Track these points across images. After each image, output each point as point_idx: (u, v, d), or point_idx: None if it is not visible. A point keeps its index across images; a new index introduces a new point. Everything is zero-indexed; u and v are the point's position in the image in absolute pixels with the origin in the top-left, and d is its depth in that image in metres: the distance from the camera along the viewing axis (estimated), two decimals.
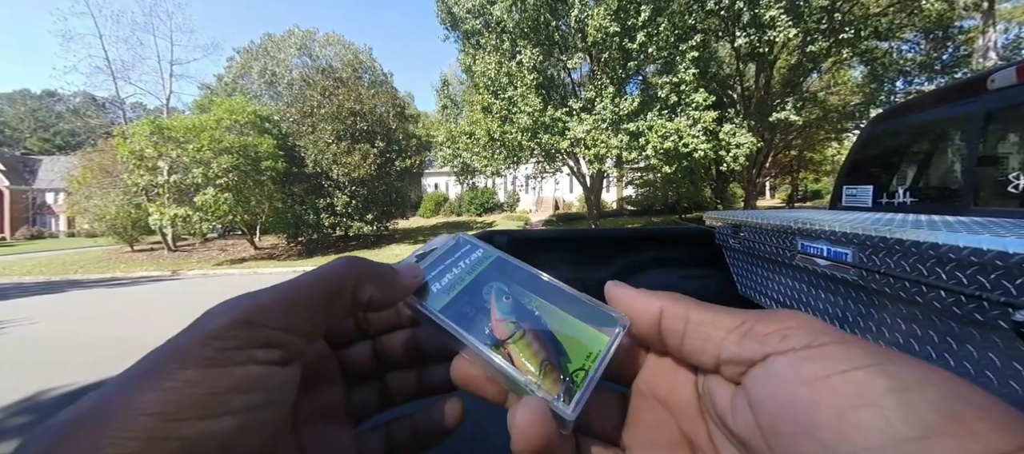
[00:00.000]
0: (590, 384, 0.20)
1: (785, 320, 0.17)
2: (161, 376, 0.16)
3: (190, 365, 0.16)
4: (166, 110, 19.86)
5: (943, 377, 0.13)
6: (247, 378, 0.17)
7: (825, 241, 1.06)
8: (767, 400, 0.16)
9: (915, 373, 0.13)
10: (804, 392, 0.14)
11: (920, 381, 0.13)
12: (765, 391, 0.16)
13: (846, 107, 12.75)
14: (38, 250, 19.36)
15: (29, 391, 3.17)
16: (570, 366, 0.21)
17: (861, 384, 0.13)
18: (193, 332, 0.18)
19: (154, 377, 0.16)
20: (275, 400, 0.18)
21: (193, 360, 0.17)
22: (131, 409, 0.15)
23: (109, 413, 0.15)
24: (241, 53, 18.21)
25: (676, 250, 1.74)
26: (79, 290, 8.38)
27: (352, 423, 0.25)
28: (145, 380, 0.16)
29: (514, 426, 0.19)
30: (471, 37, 12.17)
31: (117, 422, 0.14)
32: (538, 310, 0.24)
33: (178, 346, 0.17)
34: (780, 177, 22.45)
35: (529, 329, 0.23)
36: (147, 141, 11.05)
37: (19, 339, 4.69)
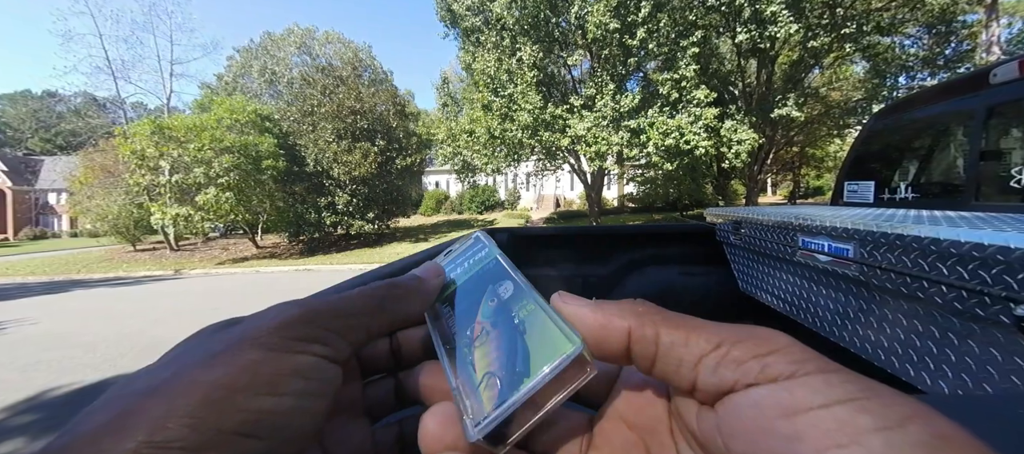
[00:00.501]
0: (506, 410, 0.19)
1: (763, 344, 0.16)
2: (231, 355, 0.18)
3: (257, 349, 0.18)
4: (167, 110, 19.88)
5: (927, 415, 0.13)
6: (306, 366, 0.19)
7: (826, 237, 1.06)
8: (743, 431, 0.15)
9: (899, 411, 0.13)
10: (784, 426, 0.14)
11: (904, 419, 0.13)
12: (741, 422, 0.15)
13: (848, 103, 12.70)
14: (41, 250, 19.44)
15: (33, 390, 3.19)
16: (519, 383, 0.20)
17: (844, 421, 0.13)
18: (258, 322, 0.20)
19: (224, 355, 0.18)
20: (325, 392, 0.20)
21: (260, 345, 0.19)
22: (202, 381, 0.17)
23: (181, 382, 0.17)
24: (241, 52, 18.19)
25: (677, 247, 1.74)
26: (82, 290, 8.42)
27: (369, 419, 0.26)
28: (215, 358, 0.18)
29: (421, 427, 0.20)
30: (471, 34, 12.14)
31: (189, 391, 0.16)
32: (523, 318, 0.22)
33: (245, 333, 0.19)
34: (782, 174, 22.38)
35: (496, 336, 0.22)
36: (148, 141, 11.08)
37: (23, 339, 4.72)
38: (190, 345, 0.20)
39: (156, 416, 0.15)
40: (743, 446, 0.15)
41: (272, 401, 0.18)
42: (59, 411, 2.89)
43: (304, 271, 10.04)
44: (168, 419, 0.15)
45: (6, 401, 3.02)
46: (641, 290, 1.69)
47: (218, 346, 0.19)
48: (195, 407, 0.16)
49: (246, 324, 0.20)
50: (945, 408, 0.13)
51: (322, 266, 10.55)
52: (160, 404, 0.16)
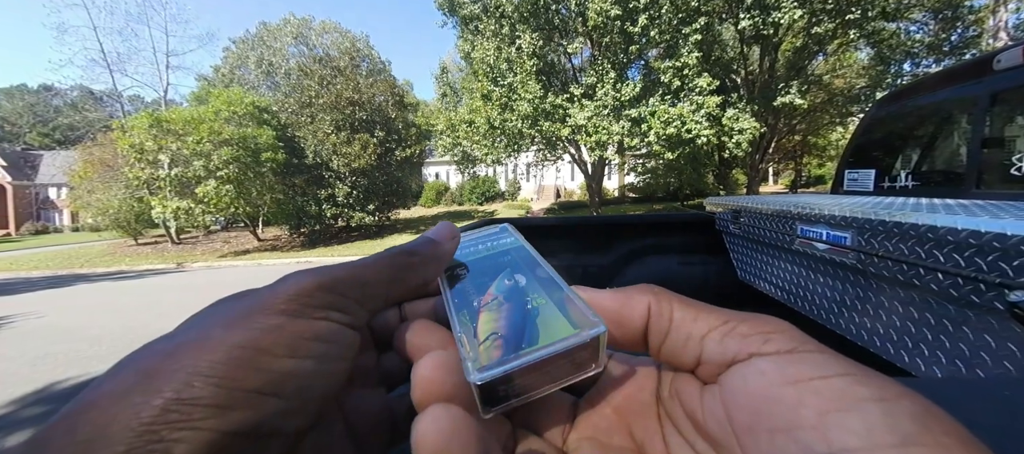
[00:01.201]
0: (514, 365, 0.18)
1: (766, 324, 0.18)
2: (251, 319, 0.18)
3: (276, 315, 0.19)
4: (164, 102, 19.76)
5: (917, 394, 0.14)
6: (326, 331, 0.20)
7: (824, 225, 1.06)
8: (747, 398, 0.16)
9: (893, 388, 0.14)
10: (789, 392, 0.15)
11: (899, 395, 0.14)
12: (746, 389, 0.16)
13: (851, 90, 12.55)
14: (43, 245, 19.52)
15: (41, 382, 3.24)
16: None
17: (844, 390, 0.14)
18: (276, 289, 0.20)
19: (244, 319, 0.18)
20: (344, 356, 0.21)
21: (278, 311, 0.19)
22: (224, 342, 0.17)
23: (203, 342, 0.17)
24: (237, 43, 18.01)
25: (677, 236, 1.74)
26: (86, 284, 8.47)
27: (383, 388, 0.27)
28: (235, 321, 0.18)
29: (414, 376, 0.19)
30: (469, 22, 11.99)
31: (211, 350, 0.17)
32: (537, 305, 0.22)
33: (263, 299, 0.19)
34: (784, 163, 22.27)
35: (506, 305, 0.22)
36: (147, 134, 11.04)
37: (29, 332, 4.77)
38: (208, 312, 0.19)
39: (181, 374, 0.16)
40: (746, 414, 0.16)
41: (293, 363, 0.18)
42: (65, 403, 2.93)
43: (306, 263, 10.08)
44: (193, 378, 0.15)
45: (16, 394, 3.07)
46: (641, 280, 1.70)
47: (236, 312, 0.19)
48: (219, 366, 0.16)
49: (263, 292, 0.20)
50: (935, 390, 0.14)
51: (323, 258, 10.59)
52: (184, 363, 0.16)
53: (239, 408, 0.16)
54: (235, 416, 0.16)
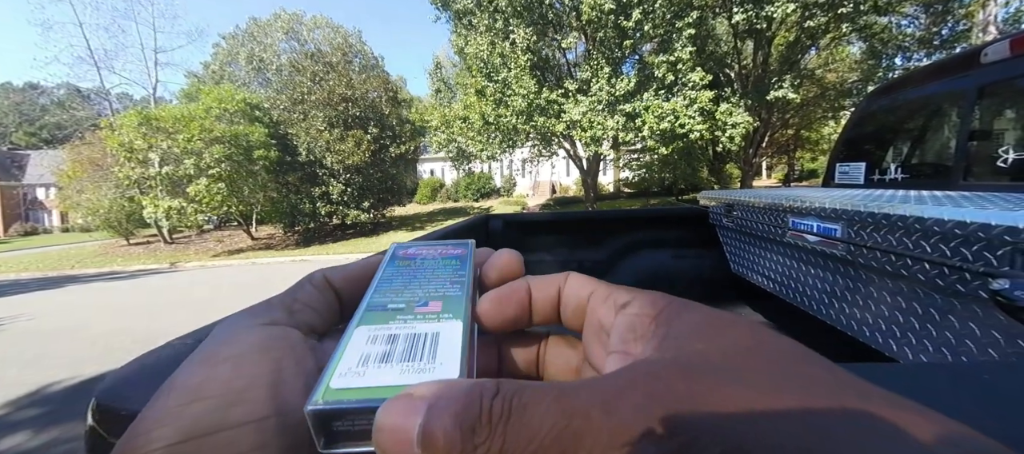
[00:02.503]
0: (354, 405, 0.16)
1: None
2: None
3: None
4: (153, 100, 19.46)
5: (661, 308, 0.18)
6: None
7: (815, 218, 1.07)
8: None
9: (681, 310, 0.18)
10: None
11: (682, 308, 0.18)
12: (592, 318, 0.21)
13: (844, 84, 12.66)
14: (33, 246, 19.22)
15: (34, 385, 3.21)
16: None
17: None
18: (289, 290, 0.23)
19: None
20: None
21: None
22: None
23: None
24: (227, 39, 17.75)
25: (670, 231, 1.76)
26: (77, 285, 8.37)
27: None
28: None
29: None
30: (463, 17, 11.91)
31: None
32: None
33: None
34: (777, 157, 22.43)
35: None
36: (136, 133, 10.87)
37: (21, 334, 4.71)
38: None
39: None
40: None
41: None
42: (60, 405, 2.91)
43: (300, 262, 10.03)
44: None
45: (8, 396, 3.04)
46: (635, 274, 1.71)
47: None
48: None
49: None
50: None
51: (318, 256, 10.53)
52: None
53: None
54: None
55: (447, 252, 0.28)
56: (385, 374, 0.17)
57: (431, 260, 0.26)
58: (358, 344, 0.19)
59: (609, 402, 0.12)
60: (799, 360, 0.14)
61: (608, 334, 0.20)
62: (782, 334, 0.15)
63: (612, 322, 0.19)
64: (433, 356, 0.18)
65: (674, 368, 0.14)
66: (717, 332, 0.15)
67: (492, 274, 0.24)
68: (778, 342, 0.15)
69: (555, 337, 0.24)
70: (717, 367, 0.14)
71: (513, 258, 0.25)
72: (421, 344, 0.19)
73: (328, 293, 0.23)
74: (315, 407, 0.15)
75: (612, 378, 0.14)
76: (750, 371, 0.13)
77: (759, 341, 0.15)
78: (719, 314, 0.16)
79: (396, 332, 0.19)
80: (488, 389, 0.13)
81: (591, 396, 0.12)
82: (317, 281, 0.23)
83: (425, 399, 0.13)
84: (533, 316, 0.23)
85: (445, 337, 0.19)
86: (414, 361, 0.18)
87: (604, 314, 0.20)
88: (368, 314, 0.21)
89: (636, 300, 0.19)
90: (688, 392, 0.12)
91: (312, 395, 0.16)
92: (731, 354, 0.14)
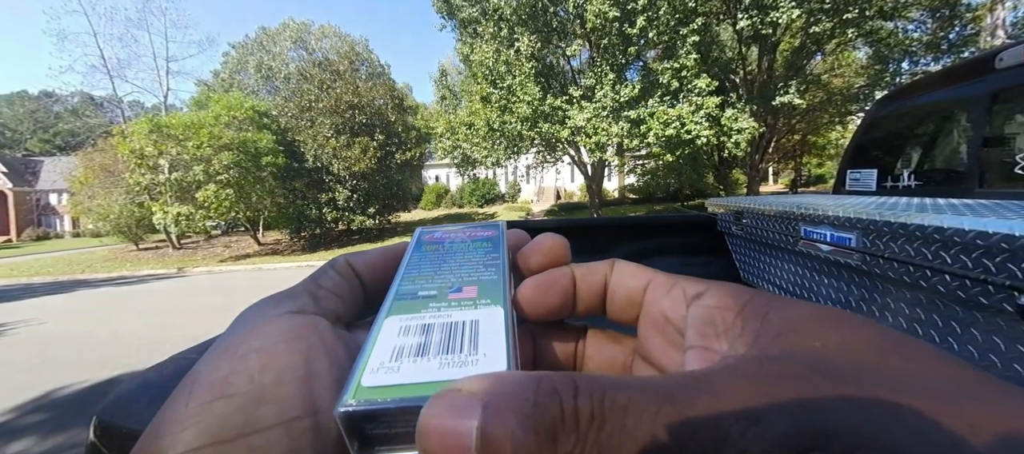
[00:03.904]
0: (391, 406, 0.14)
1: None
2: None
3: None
4: (164, 108, 19.80)
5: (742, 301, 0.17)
6: None
7: (828, 226, 1.05)
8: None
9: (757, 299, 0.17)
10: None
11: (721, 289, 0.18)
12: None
13: (850, 89, 12.57)
14: (45, 251, 19.51)
15: (42, 389, 3.23)
16: None
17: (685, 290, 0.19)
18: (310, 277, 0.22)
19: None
20: None
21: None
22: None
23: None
24: (236, 48, 18.04)
25: (677, 238, 1.74)
26: (87, 290, 8.46)
27: None
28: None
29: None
30: (468, 25, 12.02)
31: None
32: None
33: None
34: (783, 162, 22.27)
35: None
36: (147, 139, 11.04)
37: (31, 339, 4.76)
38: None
39: None
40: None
41: None
42: (67, 410, 2.92)
43: (307, 267, 10.08)
44: None
45: (16, 401, 3.06)
46: None
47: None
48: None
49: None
50: None
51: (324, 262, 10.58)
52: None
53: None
54: None
55: (477, 234, 0.26)
56: (422, 369, 0.15)
57: (461, 243, 0.24)
58: (389, 336, 0.17)
59: (744, 410, 0.10)
60: (949, 361, 0.12)
61: (676, 328, 0.18)
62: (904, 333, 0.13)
63: (683, 315, 0.18)
64: (474, 347, 0.16)
65: (808, 368, 0.12)
66: (830, 328, 0.13)
67: (534, 259, 0.22)
68: (910, 340, 0.13)
69: (595, 331, 0.22)
70: (855, 369, 0.12)
71: (558, 242, 0.22)
72: (460, 333, 0.17)
73: (352, 279, 0.22)
74: (347, 409, 0.13)
75: (727, 377, 0.12)
76: (896, 375, 0.11)
77: (884, 338, 0.13)
78: (820, 308, 0.14)
79: (430, 322, 0.17)
80: (565, 385, 0.11)
81: (713, 403, 0.11)
82: (340, 267, 0.22)
83: (478, 396, 0.11)
84: (577, 306, 0.21)
85: (486, 325, 0.17)
86: (454, 353, 0.16)
87: (669, 306, 0.18)
88: (397, 303, 0.19)
89: (712, 291, 0.17)
90: (843, 396, 0.10)
91: (342, 395, 0.14)
92: (859, 353, 0.12)
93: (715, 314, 0.16)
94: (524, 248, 0.23)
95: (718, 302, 0.17)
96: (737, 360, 0.14)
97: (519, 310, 0.20)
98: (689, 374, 0.12)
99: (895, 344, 0.12)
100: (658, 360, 0.19)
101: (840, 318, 0.14)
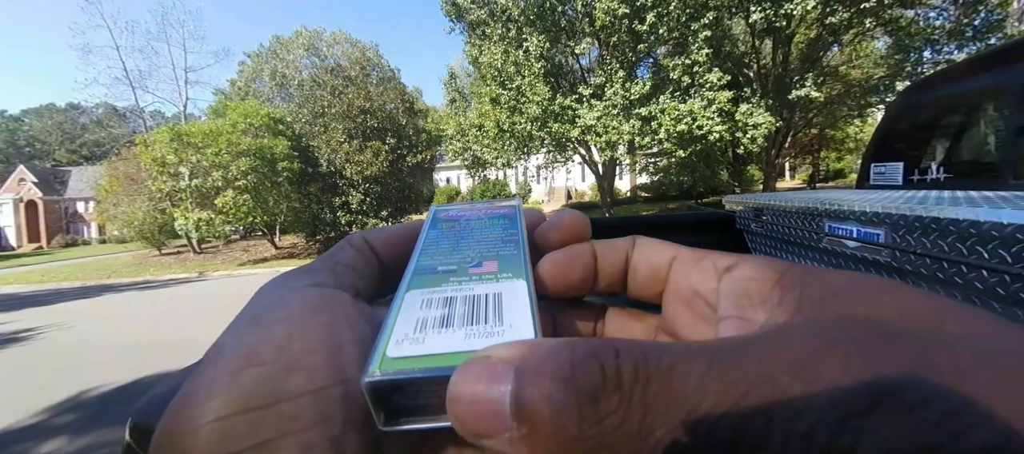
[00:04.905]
0: (419, 376, 0.13)
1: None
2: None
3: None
4: (184, 116, 20.39)
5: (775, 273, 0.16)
6: None
7: (854, 222, 1.02)
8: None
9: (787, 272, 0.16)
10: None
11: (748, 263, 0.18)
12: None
13: (869, 81, 12.20)
14: (73, 257, 20.28)
15: (72, 391, 3.35)
16: None
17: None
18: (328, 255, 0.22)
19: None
20: None
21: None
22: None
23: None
24: (252, 57, 18.48)
25: (693, 236, 1.71)
26: (113, 294, 8.76)
27: None
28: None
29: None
30: (476, 27, 12.06)
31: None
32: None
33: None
34: (800, 157, 21.73)
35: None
36: (168, 148, 11.39)
37: (61, 343, 4.94)
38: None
39: None
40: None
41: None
42: (96, 411, 3.03)
43: None
44: None
45: (48, 401, 3.18)
46: None
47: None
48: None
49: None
50: None
51: None
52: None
53: None
54: None
55: (493, 211, 0.25)
56: (448, 339, 0.15)
57: (477, 220, 0.24)
58: (412, 309, 0.16)
59: (803, 366, 0.10)
60: (1002, 322, 0.11)
61: (707, 302, 0.17)
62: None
63: (714, 288, 0.17)
64: (499, 318, 0.16)
65: (861, 329, 0.11)
66: (875, 295, 0.13)
67: (554, 235, 0.22)
68: (960, 304, 0.12)
69: (615, 309, 0.22)
70: (910, 330, 0.11)
71: (578, 219, 0.22)
72: (484, 305, 0.16)
73: (369, 256, 0.21)
74: (372, 379, 0.13)
75: (779, 337, 0.11)
76: (953, 335, 0.11)
77: (934, 301, 0.12)
78: (861, 275, 0.14)
79: (452, 294, 0.17)
80: (603, 348, 0.11)
81: (768, 358, 0.10)
82: (357, 243, 0.22)
83: (509, 362, 0.11)
84: (598, 282, 0.21)
85: (509, 297, 0.17)
86: (479, 324, 0.15)
87: (698, 279, 0.18)
88: (417, 278, 0.19)
89: (744, 263, 0.17)
90: (905, 352, 0.10)
91: (367, 365, 0.14)
92: (912, 317, 0.12)
93: (750, 285, 0.16)
94: (543, 225, 0.23)
95: (753, 273, 0.16)
96: (785, 324, 0.13)
97: (540, 286, 0.20)
98: (736, 337, 0.12)
99: (947, 308, 0.12)
100: (685, 335, 0.19)
101: (884, 284, 0.13)
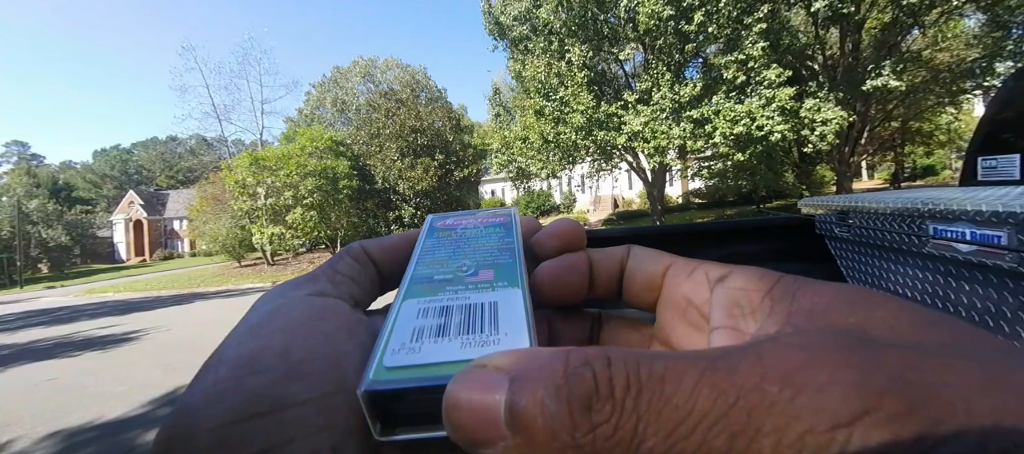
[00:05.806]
0: (414, 384, 0.14)
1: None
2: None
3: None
4: (260, 143, 22.75)
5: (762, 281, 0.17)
6: None
7: (967, 223, 0.90)
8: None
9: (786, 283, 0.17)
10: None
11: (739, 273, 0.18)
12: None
13: (961, 64, 10.71)
14: (170, 269, 23.19)
15: (172, 385, 3.80)
16: None
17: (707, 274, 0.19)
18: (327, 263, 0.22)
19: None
20: None
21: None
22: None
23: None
24: (316, 87, 20.29)
25: (767, 243, 1.59)
26: (202, 301, 9.88)
27: None
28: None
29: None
30: (519, 43, 12.30)
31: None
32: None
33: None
34: (879, 154, 19.46)
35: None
36: (247, 171, 12.77)
37: (161, 343, 5.64)
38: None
39: None
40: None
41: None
42: None
43: None
44: None
45: (150, 396, 3.62)
46: None
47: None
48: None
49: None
50: None
51: None
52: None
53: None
54: None
55: (489, 220, 0.26)
56: (444, 349, 0.15)
57: (473, 229, 0.25)
58: (408, 318, 0.17)
59: (792, 375, 0.10)
60: (978, 331, 0.12)
61: (699, 311, 0.18)
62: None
63: (706, 298, 0.18)
64: (495, 327, 0.16)
65: (847, 339, 0.11)
66: (862, 306, 0.13)
67: (550, 243, 0.22)
68: (939, 314, 0.12)
69: (611, 318, 0.22)
70: (895, 339, 0.11)
71: (573, 227, 0.22)
72: (479, 314, 0.16)
73: (368, 265, 0.22)
74: (370, 388, 0.13)
75: (768, 347, 0.11)
76: (936, 344, 0.11)
77: (916, 312, 0.12)
78: (850, 287, 0.14)
79: (448, 304, 0.17)
80: (597, 356, 0.11)
81: (757, 367, 0.10)
82: (355, 252, 0.22)
83: (504, 370, 0.11)
84: (594, 290, 0.21)
85: (505, 306, 0.17)
86: (474, 333, 0.15)
87: (691, 289, 0.18)
88: (413, 287, 0.19)
89: (736, 274, 0.17)
90: (889, 359, 0.10)
91: (364, 375, 0.14)
92: (895, 328, 0.12)
93: (742, 296, 0.16)
94: (539, 233, 0.23)
95: (744, 284, 0.16)
96: (774, 334, 0.13)
97: (536, 294, 0.20)
98: (727, 346, 0.12)
99: (927, 317, 0.12)
100: (679, 344, 0.19)
101: (872, 296, 0.13)
